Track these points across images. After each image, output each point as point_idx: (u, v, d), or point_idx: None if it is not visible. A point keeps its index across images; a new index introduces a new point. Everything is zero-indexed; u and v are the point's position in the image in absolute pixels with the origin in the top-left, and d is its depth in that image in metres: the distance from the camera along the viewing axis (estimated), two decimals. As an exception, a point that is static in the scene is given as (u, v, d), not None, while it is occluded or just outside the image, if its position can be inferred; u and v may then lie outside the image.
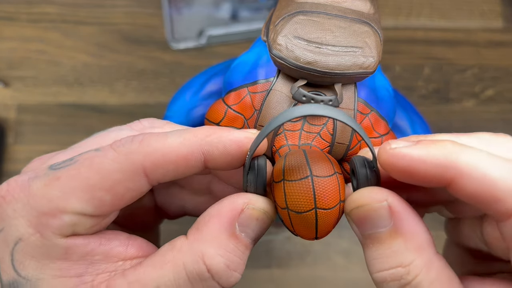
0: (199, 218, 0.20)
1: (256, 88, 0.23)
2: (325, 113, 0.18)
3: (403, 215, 0.18)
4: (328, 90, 0.22)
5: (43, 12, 0.49)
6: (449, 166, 0.17)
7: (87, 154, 0.20)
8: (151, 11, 0.49)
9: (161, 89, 0.48)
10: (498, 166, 0.17)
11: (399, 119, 0.27)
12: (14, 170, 0.46)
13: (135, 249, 0.21)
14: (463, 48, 0.49)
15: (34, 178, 0.20)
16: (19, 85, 0.48)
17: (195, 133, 0.20)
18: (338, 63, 0.20)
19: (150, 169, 0.19)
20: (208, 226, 0.20)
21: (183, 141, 0.19)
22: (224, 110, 0.23)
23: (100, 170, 0.19)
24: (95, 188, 0.19)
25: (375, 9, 0.22)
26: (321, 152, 0.20)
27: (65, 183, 0.19)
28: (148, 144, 0.19)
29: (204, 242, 0.19)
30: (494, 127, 0.47)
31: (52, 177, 0.19)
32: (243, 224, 0.20)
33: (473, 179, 0.17)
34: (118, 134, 0.22)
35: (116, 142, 0.20)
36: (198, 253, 0.19)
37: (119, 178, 0.19)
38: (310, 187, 0.19)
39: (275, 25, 0.22)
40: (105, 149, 0.20)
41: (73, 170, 0.19)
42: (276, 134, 0.22)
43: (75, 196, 0.19)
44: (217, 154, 0.20)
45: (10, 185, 0.20)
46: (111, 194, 0.19)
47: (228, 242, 0.19)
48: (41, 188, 0.19)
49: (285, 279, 0.44)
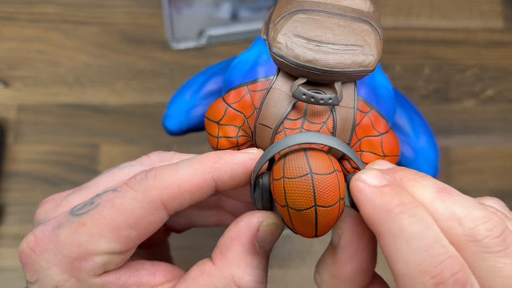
0: (220, 242, 0.22)
1: (256, 86, 0.23)
2: (320, 141, 0.19)
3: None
4: (328, 89, 0.22)
5: (43, 12, 0.49)
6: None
7: (106, 195, 0.21)
8: (151, 11, 0.50)
9: (161, 89, 0.48)
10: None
11: (399, 118, 0.27)
12: (14, 170, 0.46)
13: (162, 275, 0.22)
14: (463, 48, 0.49)
15: (59, 226, 0.21)
16: (19, 85, 0.48)
17: (203, 161, 0.21)
18: (338, 61, 0.20)
19: (168, 202, 0.21)
20: (232, 249, 0.22)
21: (193, 171, 0.21)
22: (224, 109, 0.23)
23: (123, 211, 0.20)
24: (120, 227, 0.20)
25: (375, 8, 0.22)
26: (321, 150, 0.20)
27: (92, 227, 0.20)
28: (163, 179, 0.21)
29: (231, 266, 0.21)
30: (494, 127, 0.48)
31: (77, 224, 0.20)
32: (261, 240, 0.22)
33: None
34: (131, 170, 0.24)
35: (131, 180, 0.21)
36: (228, 276, 0.21)
37: (142, 215, 0.21)
38: (310, 185, 0.19)
39: (275, 24, 0.22)
40: (123, 189, 0.21)
41: (97, 215, 0.20)
42: (276, 132, 0.22)
43: (103, 238, 0.20)
44: (226, 178, 0.21)
45: (37, 237, 0.21)
46: (135, 230, 0.21)
47: (252, 260, 0.22)
48: (69, 236, 0.20)
49: (285, 279, 0.44)
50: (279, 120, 0.22)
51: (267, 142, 0.22)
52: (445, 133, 0.47)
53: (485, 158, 0.47)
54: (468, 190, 0.46)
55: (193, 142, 0.46)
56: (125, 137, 0.46)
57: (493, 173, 0.46)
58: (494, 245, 0.18)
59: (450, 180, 0.46)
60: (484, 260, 0.18)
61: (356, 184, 0.19)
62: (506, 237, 0.18)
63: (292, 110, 0.22)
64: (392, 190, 0.19)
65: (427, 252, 0.17)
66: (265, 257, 0.22)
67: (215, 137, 0.24)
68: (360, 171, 0.20)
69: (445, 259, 0.17)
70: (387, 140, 0.23)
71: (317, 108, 0.22)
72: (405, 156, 0.27)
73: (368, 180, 0.19)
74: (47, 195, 0.44)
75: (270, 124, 0.22)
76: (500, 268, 0.17)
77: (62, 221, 0.21)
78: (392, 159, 0.23)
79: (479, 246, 0.18)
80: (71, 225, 0.21)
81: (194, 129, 0.28)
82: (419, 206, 0.18)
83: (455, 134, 0.47)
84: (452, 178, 0.46)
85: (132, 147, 0.46)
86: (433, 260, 0.17)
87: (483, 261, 0.18)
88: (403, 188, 0.19)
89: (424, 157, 0.27)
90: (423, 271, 0.17)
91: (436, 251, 0.17)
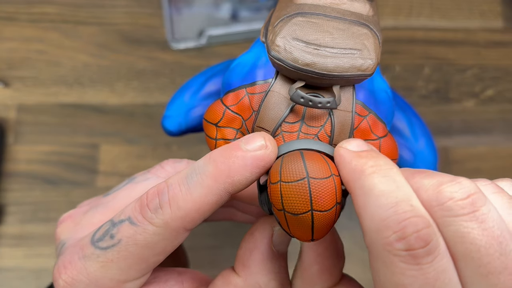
0: (240, 253, 0.23)
1: (255, 89, 0.23)
2: (319, 148, 0.20)
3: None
4: (326, 92, 0.22)
5: (43, 12, 0.49)
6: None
7: (125, 230, 0.21)
8: (151, 11, 0.49)
9: (161, 89, 0.48)
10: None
11: (398, 121, 0.27)
12: (14, 170, 0.46)
13: (189, 283, 0.24)
14: (463, 48, 0.49)
15: (85, 258, 0.21)
16: (19, 85, 0.48)
17: (216, 178, 0.20)
18: (336, 65, 0.20)
19: (189, 225, 0.21)
20: (252, 259, 0.23)
21: (208, 191, 0.20)
22: (222, 111, 0.23)
23: (147, 245, 0.21)
24: (148, 258, 0.21)
25: (374, 11, 0.22)
26: (318, 154, 0.20)
27: (120, 262, 0.21)
28: (179, 207, 0.20)
29: (255, 275, 0.23)
30: (494, 127, 0.47)
31: (104, 259, 0.21)
32: (277, 244, 0.23)
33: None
34: (147, 185, 0.24)
35: (147, 211, 0.21)
36: (255, 285, 0.22)
37: (165, 244, 0.21)
38: (307, 189, 0.19)
39: (274, 26, 0.21)
40: (141, 222, 0.21)
41: (123, 251, 0.21)
42: (274, 135, 0.22)
43: (133, 269, 0.21)
44: (242, 187, 0.21)
45: (67, 269, 0.22)
46: (162, 255, 0.21)
47: (273, 265, 0.23)
48: (98, 270, 0.21)
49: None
50: (277, 123, 0.22)
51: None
52: (445, 133, 0.47)
53: (485, 158, 0.47)
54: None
55: (193, 142, 0.46)
56: (125, 137, 0.47)
57: (492, 173, 0.46)
58: (459, 208, 0.17)
59: (449, 180, 0.46)
60: (448, 225, 0.17)
61: (338, 150, 0.20)
62: (474, 201, 0.17)
63: (290, 113, 0.22)
64: (369, 154, 0.19)
65: (392, 209, 0.17)
66: (284, 259, 0.23)
67: (213, 139, 0.24)
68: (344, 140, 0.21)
69: (410, 217, 0.17)
70: (386, 144, 0.23)
71: (315, 112, 0.22)
72: (404, 159, 0.27)
73: (349, 147, 0.20)
74: (47, 195, 0.45)
75: (268, 127, 0.22)
76: (465, 233, 0.17)
77: (87, 252, 0.22)
78: None
79: (443, 210, 0.17)
80: (97, 259, 0.21)
81: (193, 129, 0.28)
82: (394, 168, 0.18)
83: (455, 134, 0.47)
84: (451, 178, 0.46)
85: (132, 147, 0.46)
86: (397, 216, 0.17)
87: (448, 226, 0.17)
88: (382, 155, 0.19)
89: (423, 160, 0.27)
90: (387, 226, 0.17)
91: (402, 209, 0.17)
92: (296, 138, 0.22)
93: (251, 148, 0.20)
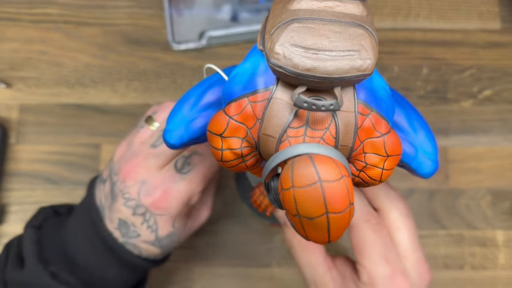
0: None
1: (257, 97, 0.23)
2: (320, 151, 0.21)
3: None
4: (328, 95, 0.22)
5: (45, 13, 0.50)
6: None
7: (197, 159, 0.35)
8: (152, 12, 0.50)
9: (162, 90, 0.48)
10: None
11: (397, 116, 0.27)
12: (16, 170, 0.46)
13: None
14: (461, 49, 0.50)
15: (176, 183, 0.34)
16: (21, 85, 0.48)
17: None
18: (336, 68, 0.20)
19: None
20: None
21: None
22: (226, 121, 0.23)
23: (207, 167, 0.35)
24: (207, 175, 0.35)
25: (367, 11, 0.23)
26: (327, 156, 0.20)
27: (196, 179, 0.35)
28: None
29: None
30: (491, 127, 0.48)
31: (189, 179, 0.35)
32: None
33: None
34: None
35: (203, 146, 0.36)
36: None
37: (215, 165, 0.36)
38: (320, 193, 0.19)
39: (271, 34, 0.22)
40: (204, 152, 0.35)
41: (197, 172, 0.35)
42: (280, 141, 0.22)
43: (202, 183, 0.35)
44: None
45: (167, 193, 0.34)
46: (214, 174, 0.36)
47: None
48: (185, 186, 0.34)
49: (285, 277, 0.45)
50: (282, 129, 0.22)
51: (272, 152, 0.23)
52: (443, 133, 0.48)
53: (482, 158, 0.47)
54: (466, 189, 0.46)
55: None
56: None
57: (490, 173, 0.47)
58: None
59: (447, 180, 0.47)
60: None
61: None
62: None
63: (294, 118, 0.22)
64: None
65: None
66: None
67: (219, 149, 0.24)
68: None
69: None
70: (389, 140, 0.23)
71: (318, 115, 0.22)
72: (406, 153, 0.27)
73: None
74: (49, 195, 0.45)
75: (273, 134, 0.22)
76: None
77: (176, 178, 0.34)
78: (395, 158, 0.23)
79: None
80: (183, 180, 0.34)
81: (196, 141, 0.28)
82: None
83: (453, 134, 0.48)
84: (449, 178, 0.47)
85: (133, 147, 0.47)
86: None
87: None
88: None
89: (424, 152, 0.28)
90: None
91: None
92: (302, 142, 0.22)
93: None
